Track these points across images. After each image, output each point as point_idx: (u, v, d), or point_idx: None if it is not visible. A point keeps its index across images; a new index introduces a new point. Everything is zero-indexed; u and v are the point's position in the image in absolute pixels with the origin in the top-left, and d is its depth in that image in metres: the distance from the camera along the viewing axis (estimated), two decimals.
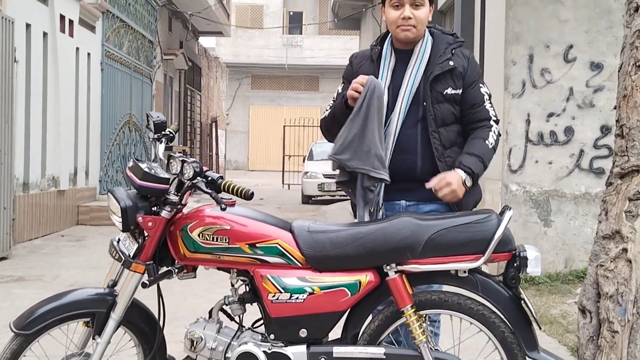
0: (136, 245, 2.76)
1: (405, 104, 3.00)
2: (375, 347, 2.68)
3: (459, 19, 8.41)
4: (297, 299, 2.65)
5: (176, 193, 2.75)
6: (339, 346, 2.69)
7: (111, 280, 2.84)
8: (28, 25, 8.63)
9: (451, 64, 2.99)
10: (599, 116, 6.47)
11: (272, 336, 2.71)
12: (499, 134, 3.04)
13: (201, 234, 2.69)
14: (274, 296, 2.67)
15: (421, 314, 2.70)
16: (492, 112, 3.04)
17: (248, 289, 2.78)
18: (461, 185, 2.88)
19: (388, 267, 2.66)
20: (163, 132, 2.91)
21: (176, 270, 2.78)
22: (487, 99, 3.04)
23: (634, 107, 2.74)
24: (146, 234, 2.75)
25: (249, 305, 2.80)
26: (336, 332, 2.76)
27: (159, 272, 2.76)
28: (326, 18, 28.47)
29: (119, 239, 2.84)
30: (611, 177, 2.85)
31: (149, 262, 2.73)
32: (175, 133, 2.97)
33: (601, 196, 2.95)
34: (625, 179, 2.77)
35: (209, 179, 2.71)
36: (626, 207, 2.73)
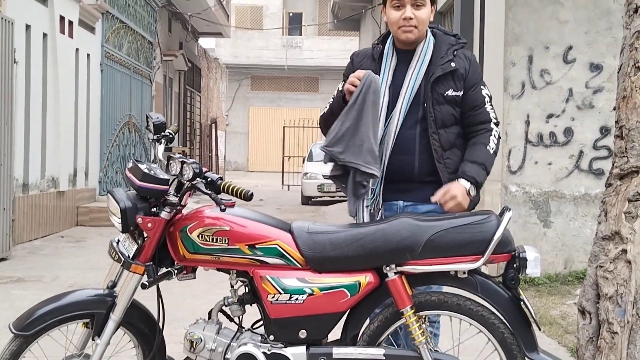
0: (136, 246, 2.76)
1: (405, 104, 2.99)
2: (375, 348, 2.68)
3: (458, 20, 8.41)
4: (296, 299, 2.65)
5: (176, 194, 2.75)
6: (338, 347, 2.69)
7: (111, 281, 2.84)
8: (28, 26, 8.63)
9: (453, 65, 2.98)
10: (599, 117, 6.47)
11: (271, 337, 2.71)
12: (499, 137, 3.04)
13: (201, 235, 2.69)
14: (273, 297, 2.67)
15: (421, 314, 2.70)
16: (492, 115, 3.03)
17: (247, 290, 2.78)
18: (466, 196, 2.88)
19: (387, 268, 2.66)
20: (162, 133, 2.91)
21: (176, 271, 2.78)
22: (488, 101, 3.04)
23: (634, 108, 2.73)
24: (146, 235, 2.75)
25: (248, 306, 2.80)
26: (336, 333, 2.76)
27: (159, 273, 2.77)
28: (326, 19, 28.47)
29: (118, 240, 2.84)
30: (610, 178, 2.84)
31: (148, 263, 2.73)
32: (175, 134, 2.97)
33: (601, 197, 2.95)
34: (625, 180, 2.77)
35: (209, 180, 2.71)
36: (625, 208, 2.73)
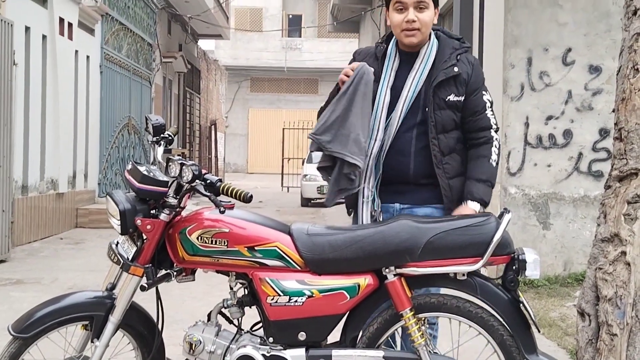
0: (135, 248, 2.76)
1: (405, 107, 2.99)
2: (374, 350, 2.68)
3: (457, 21, 8.41)
4: (296, 302, 2.65)
5: (175, 196, 2.75)
6: (337, 349, 2.69)
7: (110, 283, 2.84)
8: (27, 28, 8.63)
9: (455, 70, 2.97)
10: (598, 119, 6.47)
11: (270, 339, 2.70)
12: (500, 145, 3.04)
13: (200, 237, 2.69)
14: (272, 299, 2.66)
15: (420, 317, 2.69)
16: (492, 120, 3.03)
17: (247, 292, 2.78)
18: None
19: (387, 270, 2.66)
20: (162, 135, 2.91)
21: (175, 273, 2.78)
22: (489, 107, 3.03)
23: (633, 110, 2.73)
24: (145, 237, 2.75)
25: (247, 309, 2.80)
26: (335, 335, 2.76)
27: (158, 275, 2.76)
28: (325, 21, 28.49)
29: (117, 242, 2.84)
30: (610, 180, 2.84)
31: (147, 265, 2.72)
32: (174, 136, 2.97)
33: (600, 199, 2.95)
34: (624, 182, 2.77)
35: (208, 181, 2.70)
36: (625, 210, 2.73)
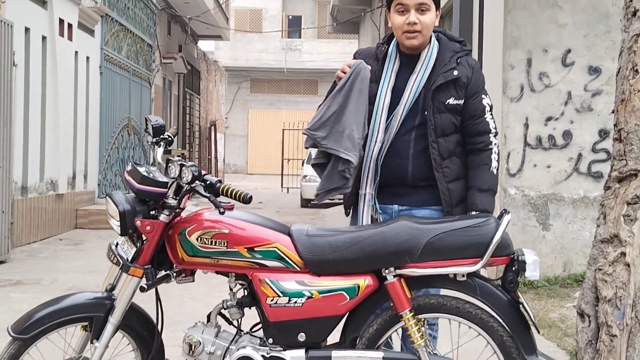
0: (134, 249, 2.76)
1: (405, 110, 2.99)
2: (374, 351, 2.68)
3: (457, 23, 8.41)
4: (295, 303, 2.65)
5: (175, 197, 2.75)
6: (337, 350, 2.69)
7: (109, 284, 2.84)
8: (27, 29, 8.63)
9: (455, 73, 2.96)
10: (597, 120, 6.47)
11: (270, 340, 2.70)
12: (499, 150, 3.04)
13: (199, 238, 2.69)
14: (272, 300, 2.66)
15: (420, 317, 2.70)
16: (491, 125, 3.03)
17: (246, 293, 2.78)
18: None
19: (387, 271, 2.66)
20: (162, 136, 2.91)
21: (174, 274, 2.78)
22: (488, 111, 3.03)
23: (632, 111, 2.74)
24: (144, 237, 2.75)
25: (247, 310, 2.80)
26: (335, 336, 2.76)
27: (157, 276, 2.76)
28: (325, 22, 28.49)
29: (117, 243, 2.84)
30: (609, 181, 2.84)
31: (147, 266, 2.72)
32: (174, 137, 2.97)
33: (599, 200, 2.95)
34: (624, 182, 2.77)
35: (208, 182, 2.71)
36: (624, 211, 2.73)
